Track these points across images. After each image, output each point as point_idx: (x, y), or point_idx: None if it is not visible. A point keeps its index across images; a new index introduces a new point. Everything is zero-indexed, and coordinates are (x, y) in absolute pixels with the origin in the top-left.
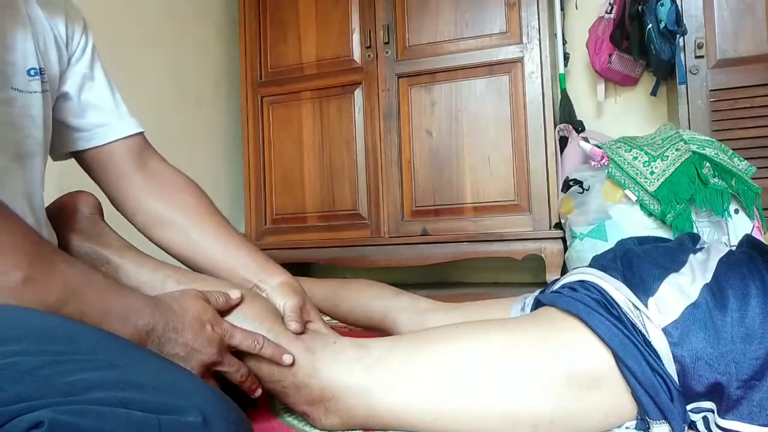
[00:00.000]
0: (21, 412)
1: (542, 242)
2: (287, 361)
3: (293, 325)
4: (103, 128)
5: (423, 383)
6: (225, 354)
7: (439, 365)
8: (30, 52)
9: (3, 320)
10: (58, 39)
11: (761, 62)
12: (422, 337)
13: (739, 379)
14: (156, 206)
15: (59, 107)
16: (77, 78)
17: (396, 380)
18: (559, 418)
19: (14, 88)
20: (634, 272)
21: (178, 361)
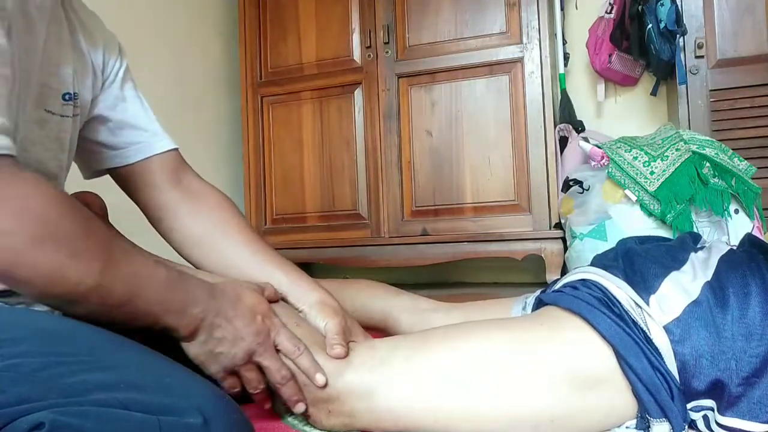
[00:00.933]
0: (22, 414)
1: (542, 242)
2: (320, 381)
3: (337, 350)
4: (138, 146)
5: (424, 384)
6: (270, 348)
7: (440, 365)
8: (68, 77)
9: (3, 322)
10: (95, 66)
11: (761, 62)
12: (424, 337)
13: (739, 377)
14: (190, 224)
15: (93, 128)
16: (110, 100)
17: (398, 381)
18: (561, 418)
19: (48, 110)
20: (636, 270)
21: (226, 346)
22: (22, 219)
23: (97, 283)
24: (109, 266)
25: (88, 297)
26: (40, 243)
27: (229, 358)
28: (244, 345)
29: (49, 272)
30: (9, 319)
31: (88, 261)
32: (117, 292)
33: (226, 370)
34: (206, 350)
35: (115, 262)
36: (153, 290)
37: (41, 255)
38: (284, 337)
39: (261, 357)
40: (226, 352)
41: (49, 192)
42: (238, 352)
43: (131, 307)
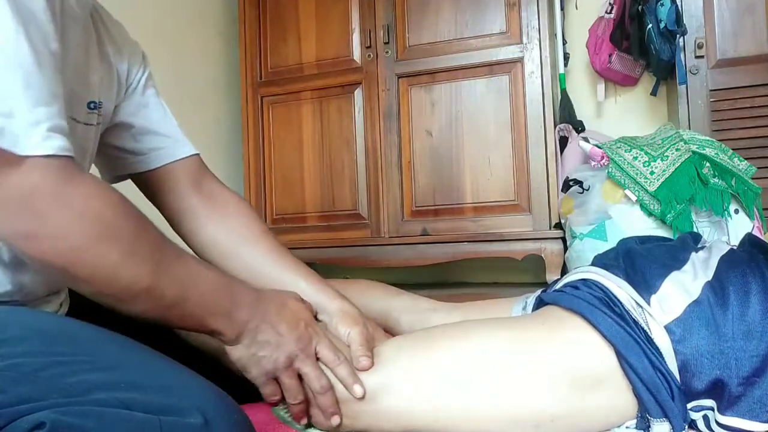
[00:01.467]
0: (23, 414)
1: (542, 242)
2: (358, 392)
3: (363, 362)
4: (160, 151)
5: (425, 384)
6: (311, 356)
7: (440, 365)
8: (94, 86)
9: (5, 322)
10: (120, 75)
11: (761, 62)
12: (425, 336)
13: (739, 376)
14: (211, 229)
15: (116, 134)
16: (132, 106)
17: (399, 382)
18: (561, 418)
19: (73, 117)
20: (637, 270)
21: (268, 350)
22: (83, 219)
23: (149, 283)
24: (161, 268)
25: (141, 297)
26: (100, 243)
27: (271, 362)
28: (287, 350)
29: (105, 271)
30: (10, 318)
31: (142, 262)
32: (168, 293)
33: (267, 374)
34: (249, 353)
35: (167, 264)
36: (202, 293)
37: (100, 254)
38: (325, 345)
39: (302, 363)
40: (268, 356)
41: (107, 194)
42: (280, 357)
43: (181, 308)
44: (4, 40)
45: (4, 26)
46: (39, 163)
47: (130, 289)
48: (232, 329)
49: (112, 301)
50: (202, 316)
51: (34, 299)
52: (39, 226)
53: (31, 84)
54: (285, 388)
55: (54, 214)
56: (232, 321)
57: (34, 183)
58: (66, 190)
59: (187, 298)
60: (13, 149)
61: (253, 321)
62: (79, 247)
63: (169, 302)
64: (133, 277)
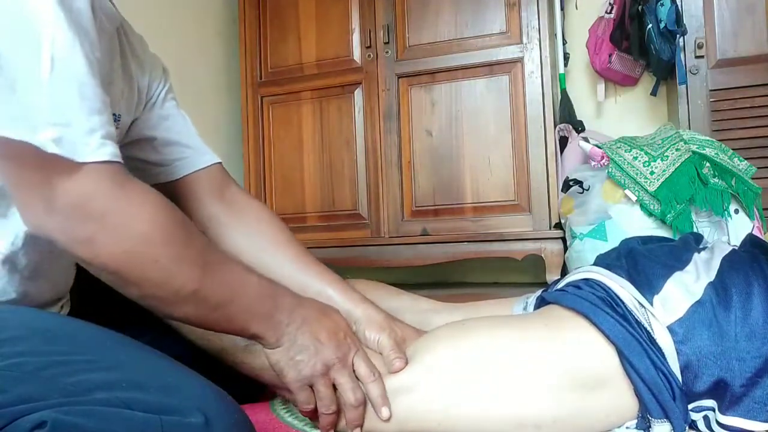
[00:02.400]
0: (24, 413)
1: (542, 242)
2: (384, 415)
3: (397, 363)
4: (182, 161)
5: (426, 384)
6: (348, 367)
7: (441, 366)
8: (115, 99)
9: (6, 321)
10: (141, 90)
11: (761, 62)
12: (428, 338)
13: (742, 377)
14: (235, 237)
15: (139, 147)
16: (153, 120)
17: (402, 382)
18: (562, 418)
19: None
20: (639, 270)
21: (307, 355)
22: (136, 224)
23: (196, 287)
24: (208, 271)
25: (188, 300)
26: (152, 247)
27: (308, 367)
28: (325, 357)
29: (156, 275)
30: (11, 318)
31: (191, 266)
32: (214, 297)
33: (303, 380)
34: (287, 357)
35: (214, 268)
36: (246, 296)
37: (151, 258)
38: (362, 359)
39: (338, 373)
40: (305, 361)
41: (158, 200)
42: (317, 363)
43: (225, 311)
44: (62, 51)
45: (63, 37)
46: (94, 169)
47: (178, 292)
48: (272, 333)
49: (158, 304)
50: (245, 319)
51: (36, 306)
52: (95, 231)
53: (86, 93)
54: (319, 397)
55: (109, 218)
56: (273, 324)
57: (91, 189)
58: (120, 196)
59: (232, 302)
60: (71, 157)
61: (293, 325)
62: (132, 251)
63: (214, 305)
64: (182, 281)
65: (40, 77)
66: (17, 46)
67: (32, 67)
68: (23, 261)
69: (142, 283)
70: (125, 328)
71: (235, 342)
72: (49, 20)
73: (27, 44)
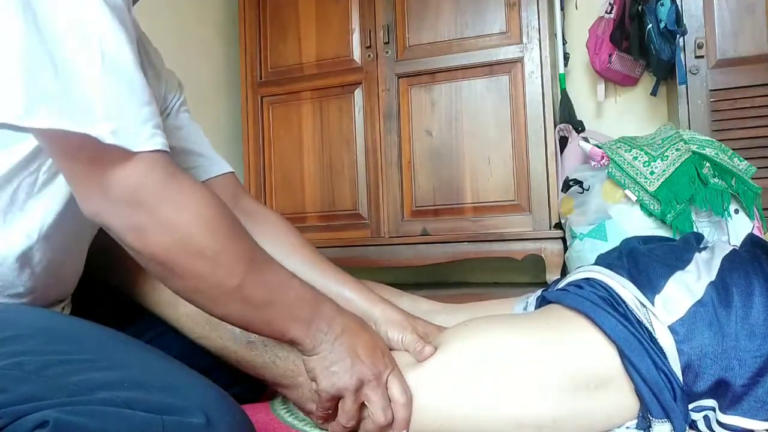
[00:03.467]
0: (26, 412)
1: (542, 242)
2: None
3: (427, 350)
4: (195, 170)
5: (427, 385)
6: (383, 385)
7: (444, 365)
8: None
9: (8, 320)
10: (156, 98)
11: (761, 62)
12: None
13: (743, 376)
14: None
15: None
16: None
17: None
18: (563, 418)
19: None
20: (641, 270)
21: (342, 366)
22: (184, 214)
23: (239, 283)
24: (251, 269)
25: (232, 296)
26: (198, 239)
27: (343, 379)
28: (360, 371)
29: (200, 268)
30: (13, 317)
31: (235, 261)
32: (256, 296)
33: (335, 390)
34: (323, 366)
35: (257, 266)
36: (287, 299)
37: (197, 251)
38: (397, 380)
39: (372, 391)
40: (340, 373)
41: (206, 193)
42: (353, 376)
43: (267, 312)
44: (111, 46)
45: (110, 33)
46: (147, 158)
47: (221, 287)
48: (310, 339)
49: (203, 299)
50: (284, 322)
51: (40, 305)
52: (145, 220)
53: (135, 86)
54: (344, 410)
55: (158, 208)
56: (311, 331)
57: (142, 178)
58: (170, 186)
59: (274, 303)
60: (126, 146)
61: (332, 334)
62: (178, 241)
63: (256, 304)
64: (225, 275)
65: (93, 73)
66: (69, 44)
67: (85, 63)
68: (37, 256)
69: (186, 275)
70: (125, 328)
71: (237, 340)
72: (96, 18)
73: (78, 42)
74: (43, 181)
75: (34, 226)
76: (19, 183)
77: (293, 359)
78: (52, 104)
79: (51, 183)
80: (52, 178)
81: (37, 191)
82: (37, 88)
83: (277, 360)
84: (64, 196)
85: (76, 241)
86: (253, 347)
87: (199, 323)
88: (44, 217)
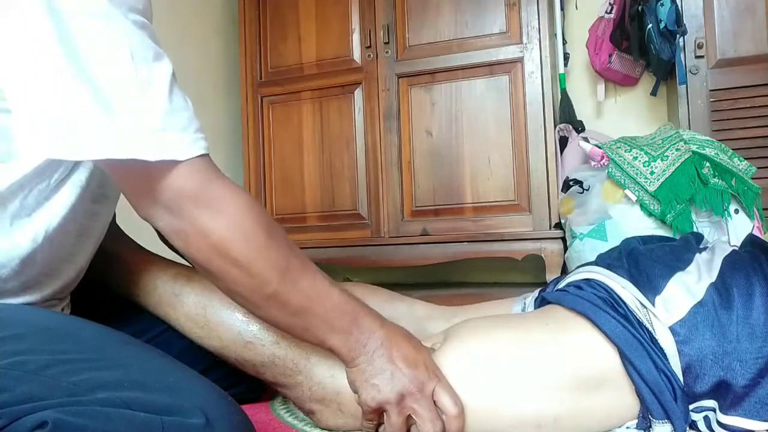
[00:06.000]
0: (26, 412)
1: (542, 242)
2: None
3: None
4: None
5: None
6: (428, 397)
7: (444, 365)
8: None
9: (8, 319)
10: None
11: (761, 62)
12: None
13: (744, 377)
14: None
15: None
16: None
17: None
18: (564, 419)
19: None
20: (641, 271)
21: (382, 380)
22: (218, 221)
23: (275, 288)
24: (287, 276)
25: (270, 301)
26: (232, 245)
27: (383, 392)
28: (401, 384)
29: (236, 273)
30: (13, 316)
31: (270, 268)
32: (292, 303)
33: (376, 403)
34: (363, 378)
35: (293, 273)
36: (324, 307)
37: (233, 256)
38: (445, 390)
39: (416, 403)
40: (381, 386)
41: (242, 199)
42: (393, 389)
43: (304, 319)
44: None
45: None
46: (187, 166)
47: (257, 291)
48: (348, 350)
49: (243, 301)
50: (322, 330)
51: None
52: (186, 225)
53: (173, 96)
54: (389, 423)
55: (197, 214)
56: (350, 342)
57: (183, 184)
58: (207, 192)
59: (310, 310)
60: (170, 158)
61: (371, 346)
62: (216, 246)
63: (294, 311)
64: (260, 283)
65: (131, 92)
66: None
67: (123, 84)
68: (39, 258)
69: (225, 278)
70: (125, 328)
71: (236, 339)
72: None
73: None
74: (52, 189)
75: (39, 230)
76: (31, 190)
77: (292, 358)
78: (94, 134)
79: (59, 190)
80: (60, 185)
81: (45, 198)
82: (76, 118)
83: (276, 359)
84: (70, 202)
85: (79, 242)
86: (252, 347)
87: (198, 324)
88: (49, 221)
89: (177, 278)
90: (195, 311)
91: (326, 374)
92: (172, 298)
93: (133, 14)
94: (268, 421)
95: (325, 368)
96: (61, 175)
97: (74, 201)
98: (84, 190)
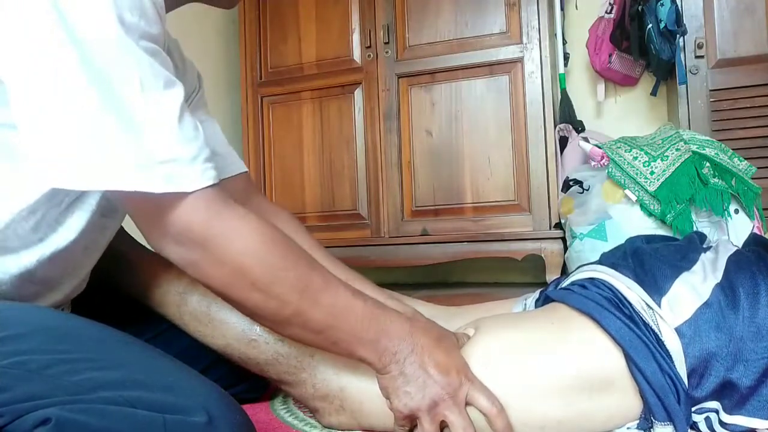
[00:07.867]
0: (28, 411)
1: (542, 242)
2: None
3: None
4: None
5: None
6: (460, 404)
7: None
8: None
9: (11, 319)
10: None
11: (761, 62)
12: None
13: (749, 378)
14: None
15: None
16: None
17: None
18: (567, 419)
19: None
20: (646, 270)
21: (413, 387)
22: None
23: (295, 310)
24: (306, 297)
25: (291, 322)
26: (247, 272)
27: (414, 401)
28: (433, 392)
29: (254, 299)
30: (16, 315)
31: (288, 291)
32: (315, 320)
33: (409, 410)
34: (394, 386)
35: (313, 293)
36: (349, 322)
37: (247, 284)
38: (480, 392)
39: (449, 410)
40: (412, 393)
41: (252, 225)
42: (424, 397)
43: (329, 335)
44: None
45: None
46: (195, 197)
47: (277, 314)
48: (378, 359)
49: (266, 323)
50: (350, 343)
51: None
52: (198, 256)
53: (182, 124)
54: (422, 430)
55: (208, 244)
56: (379, 351)
57: (192, 216)
58: (215, 224)
59: (335, 326)
60: (178, 190)
61: (401, 353)
62: (230, 274)
63: (318, 328)
64: (279, 305)
65: (138, 125)
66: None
67: (131, 115)
68: (39, 274)
69: (244, 303)
70: (126, 327)
71: (241, 338)
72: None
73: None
74: (64, 215)
75: (45, 253)
76: (43, 215)
77: (296, 356)
78: (101, 165)
79: (71, 216)
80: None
81: (57, 224)
82: (82, 148)
83: (280, 357)
84: (81, 227)
85: (86, 255)
86: (256, 345)
87: (202, 322)
88: (57, 244)
89: (181, 277)
90: (199, 309)
91: (330, 371)
92: (176, 296)
93: (144, 41)
94: (269, 421)
95: (329, 365)
96: (71, 198)
97: (84, 227)
98: (94, 209)
